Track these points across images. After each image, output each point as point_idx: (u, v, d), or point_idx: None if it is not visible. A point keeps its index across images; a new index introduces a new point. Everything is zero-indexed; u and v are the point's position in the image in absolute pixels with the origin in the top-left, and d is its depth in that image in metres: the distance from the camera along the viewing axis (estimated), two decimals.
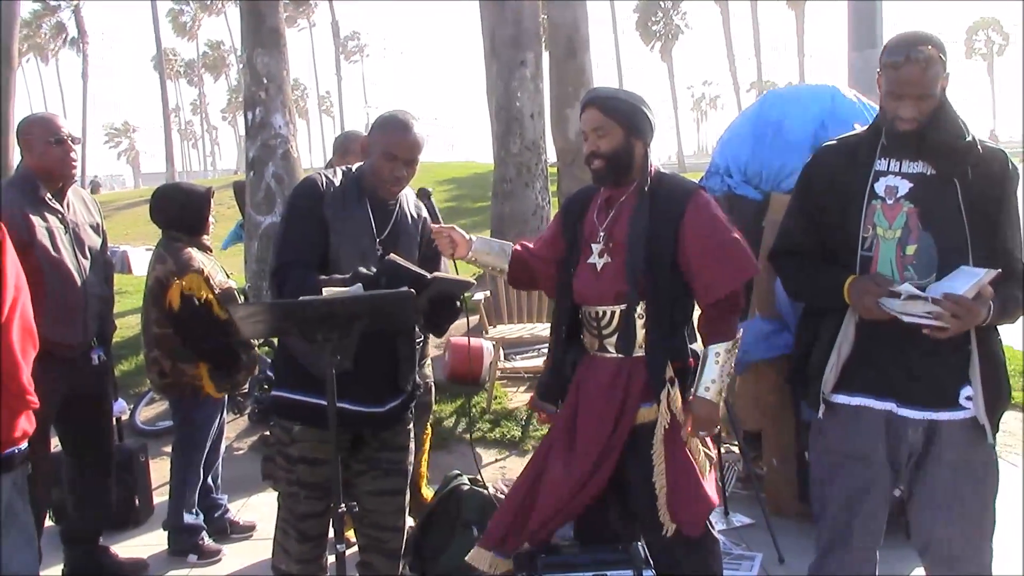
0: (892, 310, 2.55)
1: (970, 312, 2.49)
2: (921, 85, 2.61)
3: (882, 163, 2.74)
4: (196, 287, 4.32)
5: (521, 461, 5.79)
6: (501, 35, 9.30)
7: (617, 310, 3.07)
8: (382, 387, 3.18)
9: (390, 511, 3.32)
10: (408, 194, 3.35)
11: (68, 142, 3.91)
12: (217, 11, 73.78)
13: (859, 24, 7.17)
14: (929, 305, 2.48)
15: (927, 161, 2.69)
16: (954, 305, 2.46)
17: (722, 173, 4.86)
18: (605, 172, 3.10)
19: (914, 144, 2.67)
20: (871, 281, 2.61)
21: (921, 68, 2.59)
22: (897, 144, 2.70)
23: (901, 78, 2.61)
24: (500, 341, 6.60)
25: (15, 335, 2.56)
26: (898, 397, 2.70)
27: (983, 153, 2.69)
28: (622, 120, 3.04)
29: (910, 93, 2.62)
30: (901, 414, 2.70)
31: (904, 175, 2.71)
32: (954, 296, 2.46)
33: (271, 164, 8.70)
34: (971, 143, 2.68)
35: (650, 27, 67.91)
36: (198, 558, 4.53)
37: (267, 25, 8.74)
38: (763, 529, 4.27)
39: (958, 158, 2.67)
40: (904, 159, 2.72)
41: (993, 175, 2.69)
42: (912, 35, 2.66)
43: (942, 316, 2.48)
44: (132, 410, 6.45)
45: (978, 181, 2.66)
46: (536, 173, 9.24)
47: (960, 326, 2.52)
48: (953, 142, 2.66)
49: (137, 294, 10.50)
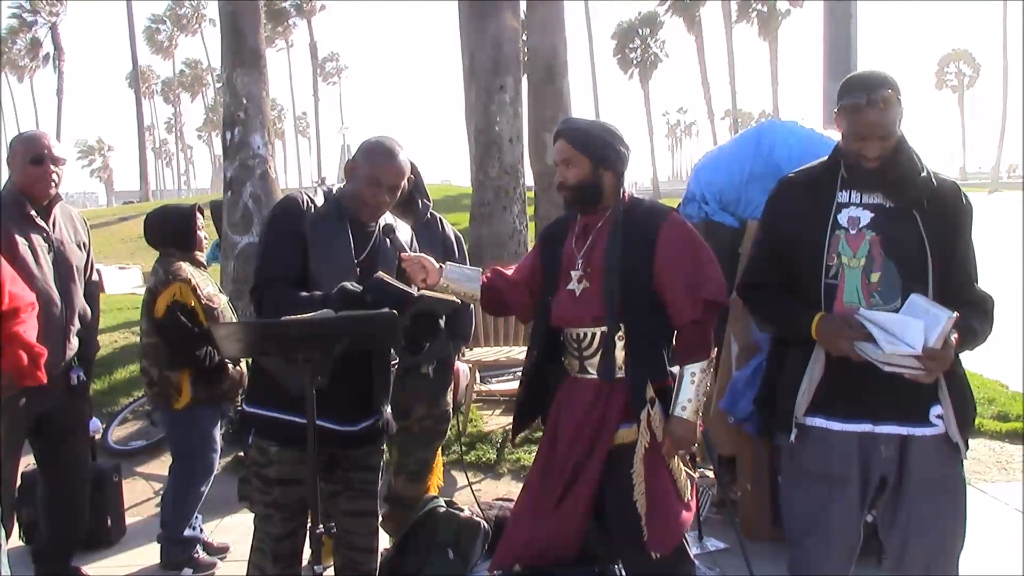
0: (872, 358, 2.59)
1: (944, 361, 2.58)
2: (883, 127, 2.71)
3: (843, 195, 2.82)
4: (182, 295, 4.39)
5: (496, 484, 5.80)
6: (481, 59, 9.36)
7: (598, 332, 3.11)
8: (356, 407, 3.19)
9: (364, 532, 3.33)
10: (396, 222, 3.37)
11: (47, 162, 3.91)
12: (193, 31, 73.75)
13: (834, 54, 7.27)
14: (908, 359, 2.54)
15: (885, 194, 2.78)
16: (929, 361, 2.53)
17: (699, 200, 4.92)
18: (573, 202, 3.18)
19: (875, 179, 2.76)
20: (843, 323, 2.66)
21: (881, 111, 2.70)
22: (857, 177, 2.79)
23: (864, 120, 2.71)
24: (476, 364, 6.61)
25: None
26: (873, 417, 2.76)
27: (937, 186, 2.79)
28: (590, 152, 3.10)
29: (873, 135, 2.72)
30: (876, 432, 2.76)
31: (864, 206, 2.79)
32: (929, 350, 2.52)
33: (249, 184, 8.69)
34: (927, 177, 2.77)
35: (628, 54, 68.53)
36: (193, 572, 4.51)
37: (247, 45, 8.76)
38: (737, 554, 4.28)
39: (915, 192, 2.76)
40: (864, 191, 2.80)
41: (948, 207, 2.79)
42: (869, 77, 2.77)
43: (919, 365, 2.54)
44: (104, 429, 6.40)
45: (934, 212, 2.76)
46: (514, 197, 9.29)
47: (935, 373, 2.60)
48: (911, 177, 2.76)
49: (110, 313, 10.46)
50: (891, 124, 2.71)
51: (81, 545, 4.51)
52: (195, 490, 4.59)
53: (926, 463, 2.74)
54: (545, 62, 10.73)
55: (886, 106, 2.69)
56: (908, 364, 2.55)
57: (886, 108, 2.69)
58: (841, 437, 2.79)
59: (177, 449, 4.68)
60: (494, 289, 3.36)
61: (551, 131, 9.87)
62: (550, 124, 10.17)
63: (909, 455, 2.75)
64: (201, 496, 4.63)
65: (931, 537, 2.77)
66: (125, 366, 7.95)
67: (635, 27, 67.91)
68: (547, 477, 3.17)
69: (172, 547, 4.56)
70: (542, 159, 10.47)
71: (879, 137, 2.71)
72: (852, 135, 2.76)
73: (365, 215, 3.20)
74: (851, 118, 2.74)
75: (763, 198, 4.49)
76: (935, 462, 2.75)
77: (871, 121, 2.70)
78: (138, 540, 4.99)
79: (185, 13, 72.70)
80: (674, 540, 3.04)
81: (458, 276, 3.30)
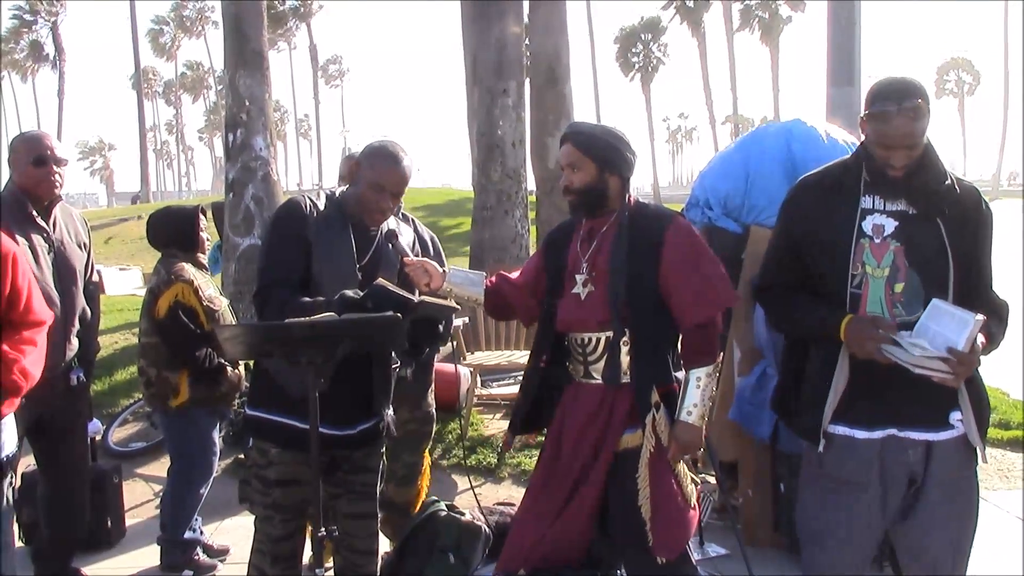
0: (901, 360, 2.56)
1: (972, 365, 2.56)
2: (912, 137, 2.66)
3: (867, 200, 2.76)
4: (183, 296, 4.39)
5: (497, 488, 5.79)
6: (484, 63, 9.36)
7: (602, 337, 3.10)
8: (355, 410, 3.19)
9: (364, 535, 3.34)
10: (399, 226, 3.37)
11: (50, 163, 3.90)
12: (197, 33, 73.78)
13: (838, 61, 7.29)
14: (936, 362, 2.51)
15: (909, 201, 2.73)
16: (958, 365, 2.50)
17: (702, 205, 4.92)
18: (578, 205, 3.17)
19: (901, 187, 2.72)
20: (872, 325, 2.62)
21: (912, 120, 2.64)
22: (881, 183, 2.74)
23: (893, 130, 2.65)
24: (477, 368, 6.61)
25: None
26: (897, 423, 2.73)
27: (960, 192, 2.75)
28: (595, 156, 3.10)
29: (902, 144, 2.66)
30: (901, 436, 2.73)
31: (888, 213, 2.74)
32: (958, 353, 2.49)
33: (251, 186, 8.69)
34: (951, 185, 2.74)
35: (629, 59, 68.56)
36: (193, 574, 4.51)
37: (250, 47, 8.77)
38: (738, 560, 4.26)
39: (939, 200, 2.72)
40: (887, 198, 2.75)
41: (969, 213, 2.75)
42: (901, 84, 2.69)
43: (948, 369, 2.51)
44: (105, 431, 6.39)
45: (957, 219, 2.72)
46: (516, 201, 9.28)
47: (963, 377, 2.58)
48: (936, 186, 2.72)
49: (110, 314, 10.45)
50: (920, 134, 2.66)
51: (81, 546, 4.50)
52: (194, 492, 4.58)
53: (946, 465, 2.73)
54: (547, 65, 10.73)
55: (916, 115, 2.63)
56: (937, 367, 2.52)
57: (916, 118, 2.63)
58: (865, 444, 2.75)
59: (175, 451, 4.67)
60: (498, 293, 3.35)
61: (553, 135, 10.00)
62: (552, 128, 10.19)
63: (932, 458, 2.73)
64: (201, 498, 4.62)
65: (946, 537, 2.76)
66: (126, 367, 7.94)
67: (637, 32, 67.94)
68: (550, 481, 3.16)
69: (172, 549, 4.56)
70: (544, 163, 10.47)
71: (907, 147, 2.66)
72: (879, 143, 2.70)
73: (367, 220, 3.20)
74: (879, 126, 2.68)
75: (767, 203, 4.54)
76: (954, 464, 2.74)
77: (900, 131, 2.64)
78: (138, 542, 4.98)
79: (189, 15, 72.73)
80: (680, 545, 3.03)
81: (462, 280, 3.29)
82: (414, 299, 2.96)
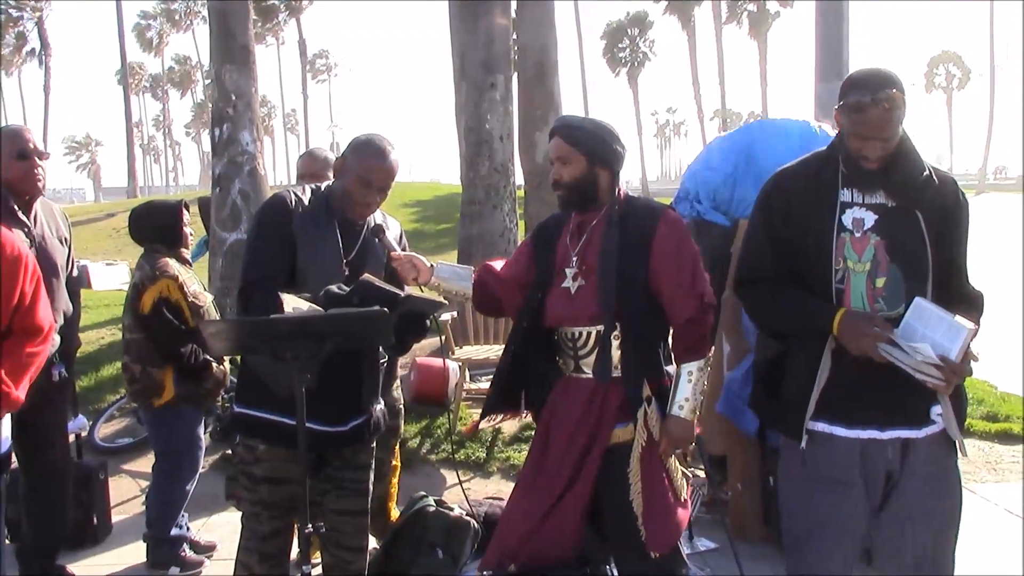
0: (900, 362, 2.54)
1: (964, 375, 2.56)
2: (886, 128, 2.62)
3: (845, 193, 2.73)
4: (168, 292, 4.35)
5: (485, 483, 5.78)
6: (472, 57, 9.35)
7: (593, 331, 3.08)
8: (345, 407, 3.17)
9: (353, 531, 3.31)
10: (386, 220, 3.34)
11: (33, 157, 3.86)
12: (185, 27, 73.45)
13: (826, 56, 7.30)
14: (931, 368, 2.50)
15: (888, 194, 2.71)
16: (951, 373, 2.50)
17: (691, 199, 4.91)
18: (567, 199, 3.15)
19: (878, 180, 2.70)
20: (869, 322, 2.59)
21: (886, 111, 2.60)
22: (858, 176, 2.71)
23: (867, 120, 2.61)
24: (466, 362, 6.59)
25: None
26: (879, 423, 2.71)
27: (938, 184, 2.73)
28: (585, 150, 3.08)
29: (876, 136, 2.63)
30: (881, 437, 2.71)
31: (868, 206, 2.72)
32: (951, 363, 2.48)
33: (237, 181, 8.67)
34: (928, 176, 2.72)
35: (617, 54, 68.60)
36: (180, 570, 4.48)
37: (237, 42, 8.74)
38: (727, 553, 4.27)
39: (918, 193, 2.70)
40: (865, 191, 2.72)
41: (948, 204, 2.74)
42: (875, 75, 2.65)
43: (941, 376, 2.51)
44: (91, 427, 6.35)
45: (936, 211, 2.71)
46: (504, 195, 9.27)
47: (954, 384, 2.58)
48: (914, 178, 2.70)
49: (96, 309, 10.41)
50: (895, 125, 2.62)
51: (67, 543, 4.48)
52: (180, 488, 4.55)
53: (926, 458, 2.72)
54: (535, 60, 10.72)
55: (891, 106, 2.59)
56: (932, 373, 2.51)
57: (891, 109, 2.59)
58: (847, 442, 2.73)
59: (161, 447, 4.63)
60: (486, 288, 3.34)
61: (541, 129, 9.99)
62: (540, 122, 10.19)
63: (910, 452, 2.72)
64: (187, 495, 4.60)
65: (929, 527, 2.74)
66: (112, 363, 7.89)
67: (624, 27, 68.00)
68: (540, 477, 3.14)
69: (158, 546, 4.53)
70: (532, 158, 10.47)
71: (881, 139, 2.62)
72: (853, 134, 2.66)
73: (353, 214, 3.17)
74: (854, 117, 2.64)
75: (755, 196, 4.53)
76: (934, 457, 2.73)
77: (874, 122, 2.60)
78: (124, 538, 4.95)
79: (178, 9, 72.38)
80: (672, 539, 3.02)
81: (449, 275, 3.27)
82: (401, 294, 2.94)
